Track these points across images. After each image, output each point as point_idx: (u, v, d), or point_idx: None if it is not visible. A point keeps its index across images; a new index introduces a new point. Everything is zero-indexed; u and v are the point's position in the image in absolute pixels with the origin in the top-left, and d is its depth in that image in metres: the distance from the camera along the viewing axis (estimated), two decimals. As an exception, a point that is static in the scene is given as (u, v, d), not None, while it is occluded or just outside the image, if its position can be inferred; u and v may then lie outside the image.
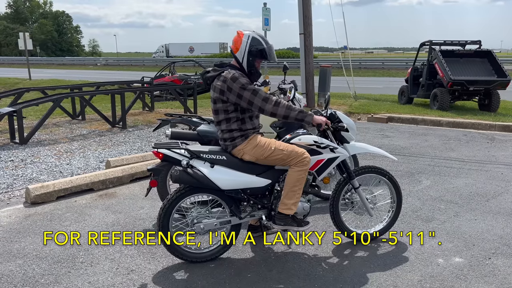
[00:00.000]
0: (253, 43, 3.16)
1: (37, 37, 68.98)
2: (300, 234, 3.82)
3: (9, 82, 22.59)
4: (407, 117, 10.18)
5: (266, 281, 3.08)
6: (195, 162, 3.13)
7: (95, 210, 4.49)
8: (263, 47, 3.18)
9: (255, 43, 3.17)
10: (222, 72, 3.17)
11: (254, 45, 3.16)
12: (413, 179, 5.53)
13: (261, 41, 3.19)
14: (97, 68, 40.37)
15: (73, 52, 73.57)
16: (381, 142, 7.82)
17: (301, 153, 3.20)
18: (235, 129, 3.17)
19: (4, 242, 3.72)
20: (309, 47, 11.09)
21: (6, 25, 68.32)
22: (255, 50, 3.16)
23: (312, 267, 3.28)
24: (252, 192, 3.27)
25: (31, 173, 5.73)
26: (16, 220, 4.22)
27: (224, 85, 3.10)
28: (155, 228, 3.17)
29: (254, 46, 3.16)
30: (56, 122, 9.57)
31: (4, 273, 3.19)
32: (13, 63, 46.53)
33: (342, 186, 3.56)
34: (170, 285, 3.03)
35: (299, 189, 3.22)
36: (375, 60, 37.48)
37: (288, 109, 3.11)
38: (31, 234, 3.88)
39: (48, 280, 3.10)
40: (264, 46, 3.19)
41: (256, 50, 3.16)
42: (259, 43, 3.18)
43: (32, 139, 7.61)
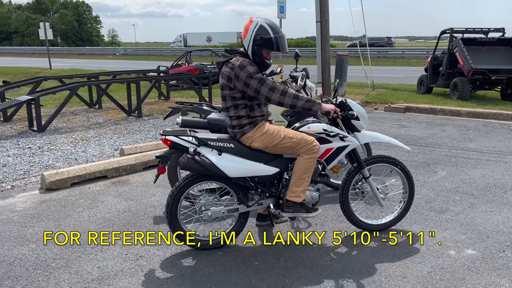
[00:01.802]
0: (259, 32, 3.07)
1: (58, 27, 69.95)
2: (302, 232, 3.79)
3: (30, 71, 23.00)
4: (425, 107, 9.97)
5: (273, 269, 3.07)
6: (203, 149, 3.12)
7: (108, 197, 4.55)
8: (269, 37, 3.06)
9: (261, 31, 3.07)
10: (230, 59, 3.13)
11: (260, 34, 3.06)
12: (429, 170, 5.42)
13: (269, 30, 3.07)
14: (116, 58, 40.75)
15: (93, 42, 74.39)
16: (397, 132, 7.68)
17: (310, 141, 3.15)
18: (244, 115, 3.14)
19: (19, 226, 3.80)
20: (325, 35, 10.92)
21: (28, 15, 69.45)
22: (260, 39, 3.06)
23: (320, 256, 3.26)
24: (260, 180, 3.25)
25: (47, 160, 5.83)
26: (31, 206, 4.31)
27: (232, 72, 3.06)
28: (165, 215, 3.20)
29: (259, 35, 3.06)
30: (74, 110, 9.71)
31: (18, 256, 3.27)
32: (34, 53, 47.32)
33: (352, 176, 3.51)
34: (178, 271, 3.05)
35: (308, 177, 3.19)
36: (395, 49, 36.74)
37: (295, 98, 3.06)
38: (44, 220, 3.96)
39: (59, 264, 3.16)
40: (271, 35, 3.06)
41: (260, 39, 3.06)
42: (266, 32, 3.07)
43: (49, 127, 7.75)
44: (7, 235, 3.62)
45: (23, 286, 2.87)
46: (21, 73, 21.93)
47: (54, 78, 9.72)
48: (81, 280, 2.94)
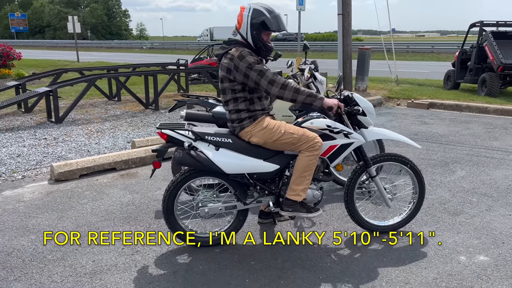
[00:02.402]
0: (254, 15, 2.97)
1: (88, 21, 71.43)
2: (304, 231, 3.65)
3: (59, 64, 23.51)
4: (450, 103, 9.58)
5: (269, 270, 2.96)
6: (199, 144, 3.03)
7: (114, 189, 4.53)
8: (265, 17, 2.97)
9: (256, 14, 2.97)
10: (229, 50, 3.02)
11: (255, 17, 2.96)
12: (447, 169, 5.17)
13: (263, 11, 2.98)
14: (142, 51, 41.24)
15: (122, 36, 75.61)
16: (418, 129, 7.40)
17: (312, 138, 3.01)
18: (243, 109, 3.03)
19: (22, 217, 3.82)
20: (347, 28, 10.64)
21: (60, 9, 71.18)
22: (257, 22, 2.96)
23: (320, 257, 3.12)
24: (259, 177, 3.13)
25: (61, 151, 5.88)
26: (38, 196, 4.33)
27: (231, 63, 2.95)
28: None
29: (255, 18, 2.96)
30: (93, 102, 9.82)
31: (16, 247, 3.27)
32: (65, 46, 48.44)
33: (358, 174, 3.35)
34: (171, 268, 2.98)
35: (309, 175, 3.05)
36: (425, 43, 35.68)
37: (296, 92, 2.92)
38: (48, 211, 3.97)
39: (55, 256, 3.14)
40: (267, 15, 2.97)
41: (257, 22, 2.96)
42: (261, 13, 2.97)
43: (67, 118, 7.85)
44: (10, 226, 3.64)
45: (17, 277, 2.87)
46: (50, 65, 22.42)
47: (74, 70, 9.85)
48: (74, 273, 2.91)
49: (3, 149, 5.93)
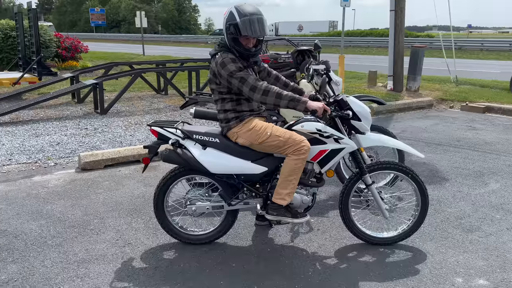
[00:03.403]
0: (229, 19, 2.87)
1: (160, 16, 74.67)
2: (298, 236, 3.54)
3: (125, 57, 24.80)
4: (510, 107, 8.79)
5: (247, 274, 2.92)
6: (187, 142, 3.06)
7: (131, 181, 4.71)
8: (235, 22, 2.82)
9: (230, 18, 2.86)
10: (217, 54, 2.99)
11: (229, 21, 2.87)
12: (479, 181, 4.76)
13: (235, 14, 2.83)
14: (207, 46, 42.23)
15: (190, 31, 78.06)
16: (463, 135, 6.88)
17: (298, 141, 2.91)
18: (230, 109, 3.01)
19: (41, 202, 4.10)
20: (399, 25, 10.15)
21: (135, 5, 74.92)
22: (229, 27, 2.86)
23: (303, 265, 3.02)
24: (246, 179, 3.10)
25: (96, 141, 6.22)
26: (61, 183, 4.63)
27: (215, 68, 2.93)
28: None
29: (228, 22, 2.87)
30: (142, 95, 10.26)
31: (24, 230, 3.52)
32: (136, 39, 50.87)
33: (353, 182, 3.19)
34: (154, 263, 3.05)
35: (294, 179, 2.96)
36: (502, 40, 32.99)
37: (278, 97, 2.84)
38: (65, 198, 4.22)
39: (55, 242, 3.34)
40: (237, 20, 2.81)
41: (229, 26, 2.86)
42: (233, 17, 2.84)
43: (113, 110, 8.28)
44: (27, 210, 3.93)
45: (14, 259, 3.09)
46: (117, 58, 23.74)
47: (125, 64, 10.36)
48: (64, 260, 3.08)
49: (47, 137, 6.39)
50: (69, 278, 2.85)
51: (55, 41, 14.48)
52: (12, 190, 4.40)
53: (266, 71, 3.29)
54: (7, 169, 5.08)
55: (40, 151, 5.68)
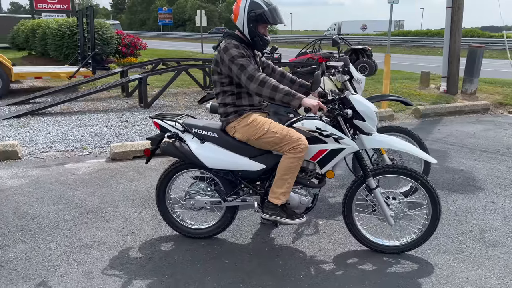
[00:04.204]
0: (252, 8, 2.86)
1: (224, 15, 76.20)
2: (301, 238, 3.41)
3: (184, 54, 25.60)
4: None
5: (237, 271, 2.87)
6: (186, 136, 3.06)
7: (153, 173, 4.83)
8: (263, 10, 2.85)
9: (253, 7, 2.86)
10: (221, 42, 2.98)
11: (253, 10, 2.86)
12: (519, 192, 4.33)
13: (261, 3, 2.86)
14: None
15: (253, 29, 78.93)
16: (509, 142, 6.30)
17: (295, 139, 2.81)
18: (229, 103, 2.97)
19: (65, 188, 4.32)
20: (456, 23, 9.50)
21: (200, 4, 77.14)
22: (254, 14, 2.86)
23: (297, 268, 2.91)
24: (244, 175, 3.04)
25: (132, 133, 6.45)
26: (89, 172, 4.85)
27: (218, 55, 2.92)
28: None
29: (252, 11, 2.86)
30: (188, 91, 10.50)
31: (42, 213, 3.73)
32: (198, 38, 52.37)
33: (357, 185, 3.02)
34: (150, 254, 3.09)
35: (290, 178, 2.86)
36: None
37: (273, 90, 2.76)
38: (88, 185, 4.41)
39: (66, 226, 3.50)
40: (264, 8, 2.85)
41: (255, 14, 2.85)
42: (258, 6, 2.86)
43: (156, 104, 8.56)
44: (51, 194, 4.15)
45: (25, 239, 3.27)
46: (176, 55, 24.60)
47: (172, 60, 10.64)
48: (68, 244, 3.21)
49: (89, 127, 6.74)
50: (67, 262, 2.97)
51: (116, 39, 15.24)
52: (43, 175, 4.68)
53: (271, 67, 3.23)
54: (45, 155, 5.41)
55: (79, 141, 6.00)
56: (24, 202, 3.95)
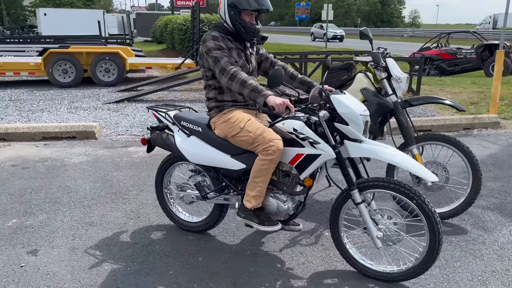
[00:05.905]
0: None
1: (362, 8, 73.73)
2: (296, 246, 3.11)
3: (309, 48, 25.62)
4: None
5: (202, 270, 2.78)
6: (174, 128, 3.06)
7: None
8: None
9: None
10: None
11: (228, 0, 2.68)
12: None
13: None
14: (402, 40, 39.91)
15: (392, 23, 74.51)
16: None
17: (267, 140, 2.58)
18: (212, 98, 2.87)
19: (113, 169, 4.69)
20: None
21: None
22: (232, 1, 2.66)
23: (264, 278, 2.69)
24: (226, 173, 2.91)
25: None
26: (142, 156, 5.17)
27: (201, 47, 2.83)
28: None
29: (228, 1, 2.68)
30: (282, 85, 10.47)
31: (79, 189, 4.11)
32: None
33: (343, 198, 2.64)
34: (137, 239, 3.18)
35: (261, 182, 2.64)
36: None
37: (242, 85, 2.56)
38: (133, 168, 4.73)
39: (88, 204, 3.80)
40: None
41: (233, 1, 2.66)
42: None
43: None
44: (98, 173, 4.55)
45: (49, 210, 3.66)
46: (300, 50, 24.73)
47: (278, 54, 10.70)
48: (79, 220, 3.49)
49: (169, 115, 7.21)
50: (65, 236, 3.24)
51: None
52: (104, 155, 5.17)
53: (269, 61, 3.02)
54: (118, 138, 5.97)
55: (144, 126, 6.46)
56: (72, 178, 4.42)
